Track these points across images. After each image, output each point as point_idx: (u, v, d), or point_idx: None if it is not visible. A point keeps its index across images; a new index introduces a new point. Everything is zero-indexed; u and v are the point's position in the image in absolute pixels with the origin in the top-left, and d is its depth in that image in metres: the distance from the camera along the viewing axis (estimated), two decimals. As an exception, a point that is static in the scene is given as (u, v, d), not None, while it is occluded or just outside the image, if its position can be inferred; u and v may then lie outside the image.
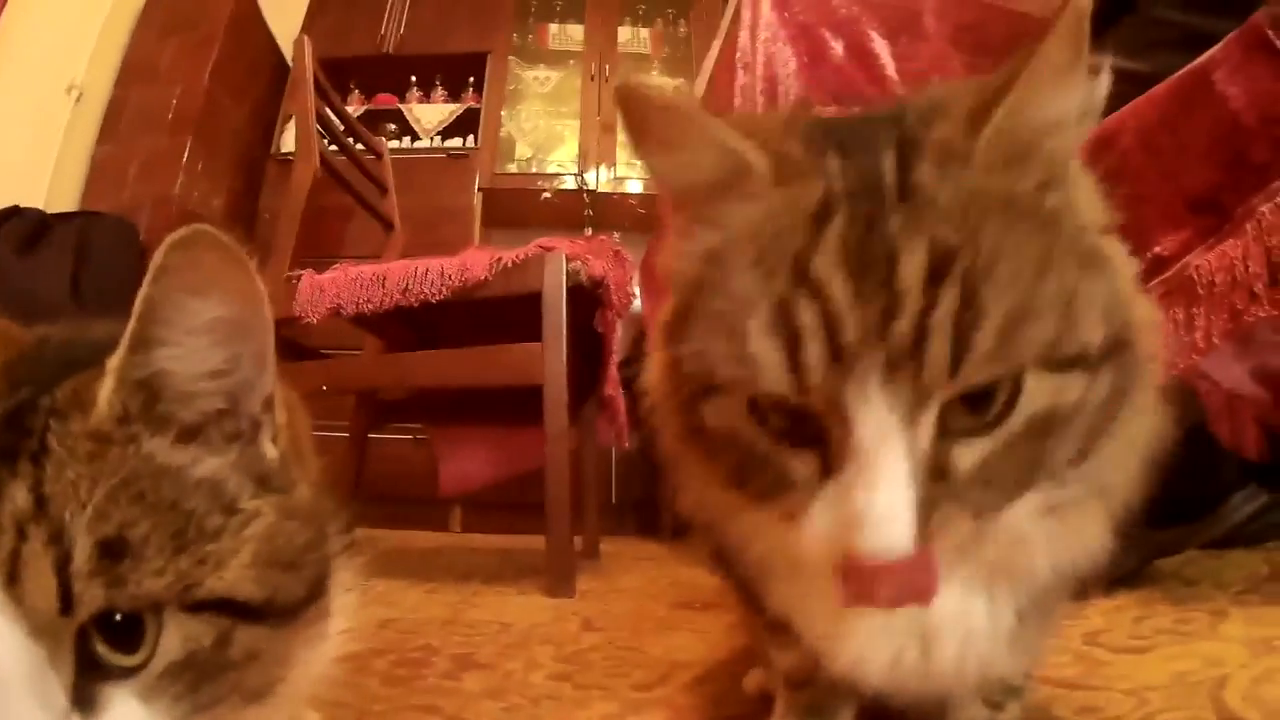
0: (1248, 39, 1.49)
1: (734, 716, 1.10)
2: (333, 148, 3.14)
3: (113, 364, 0.56)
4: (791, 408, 0.52)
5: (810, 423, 0.52)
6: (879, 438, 0.49)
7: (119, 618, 0.52)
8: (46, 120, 4.95)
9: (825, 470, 0.52)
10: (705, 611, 1.83)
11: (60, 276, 3.79)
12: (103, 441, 0.55)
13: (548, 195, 5.85)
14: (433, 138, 5.97)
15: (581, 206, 5.72)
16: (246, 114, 5.80)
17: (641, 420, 0.72)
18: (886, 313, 0.48)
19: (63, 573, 0.50)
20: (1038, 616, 0.60)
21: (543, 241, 2.41)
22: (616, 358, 2.92)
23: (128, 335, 0.56)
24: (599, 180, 5.86)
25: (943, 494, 0.50)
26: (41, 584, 0.50)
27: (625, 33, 6.28)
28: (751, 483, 0.57)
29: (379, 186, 3.58)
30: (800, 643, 0.69)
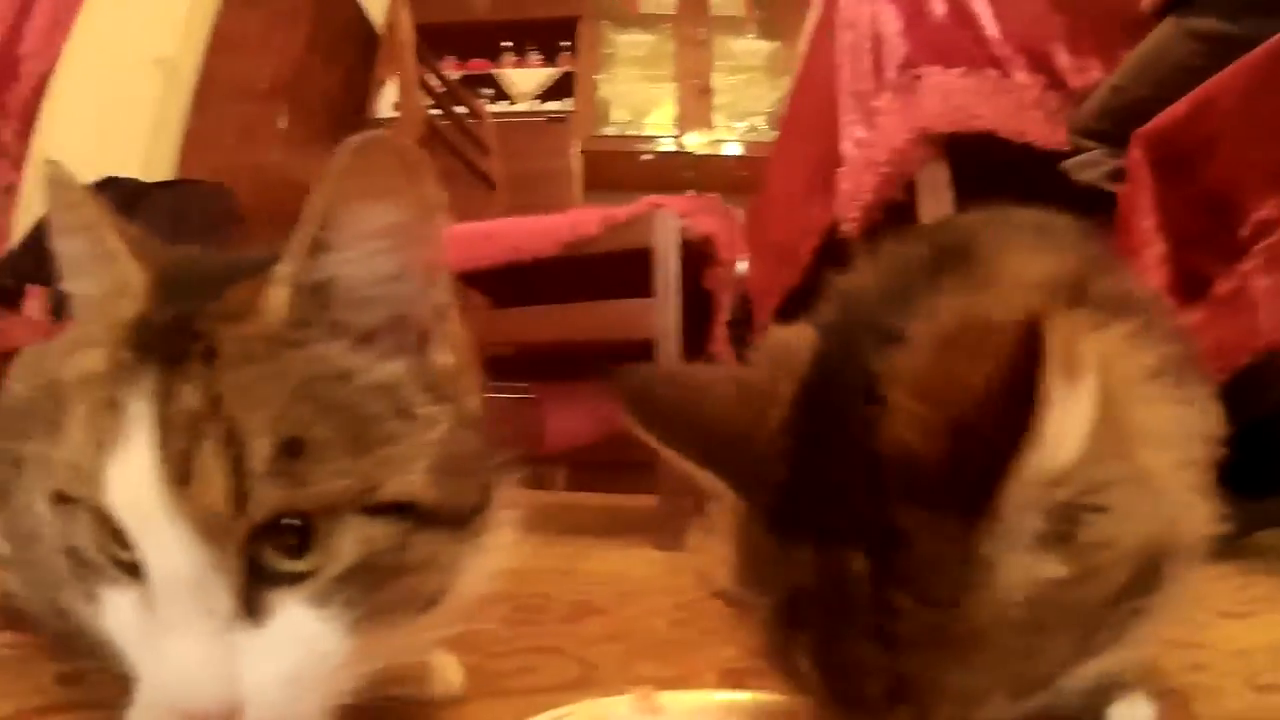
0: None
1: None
2: (433, 111, 3.16)
3: (283, 270, 0.57)
4: None
5: None
6: None
7: (290, 522, 0.53)
8: (137, 93, 5.03)
9: None
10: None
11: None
12: (277, 344, 0.56)
13: (648, 157, 5.85)
14: (529, 101, 6.01)
15: (680, 168, 5.71)
16: (339, 81, 5.86)
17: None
18: (853, 708, 0.50)
19: (237, 473, 0.51)
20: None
21: (652, 198, 2.41)
22: (724, 316, 2.92)
23: (299, 240, 0.57)
24: (697, 143, 5.84)
25: None
26: (214, 484, 0.50)
27: (717, -5, 6.19)
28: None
29: (480, 147, 3.61)
30: None
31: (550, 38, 6.08)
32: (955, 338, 0.51)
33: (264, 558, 0.53)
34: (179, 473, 0.50)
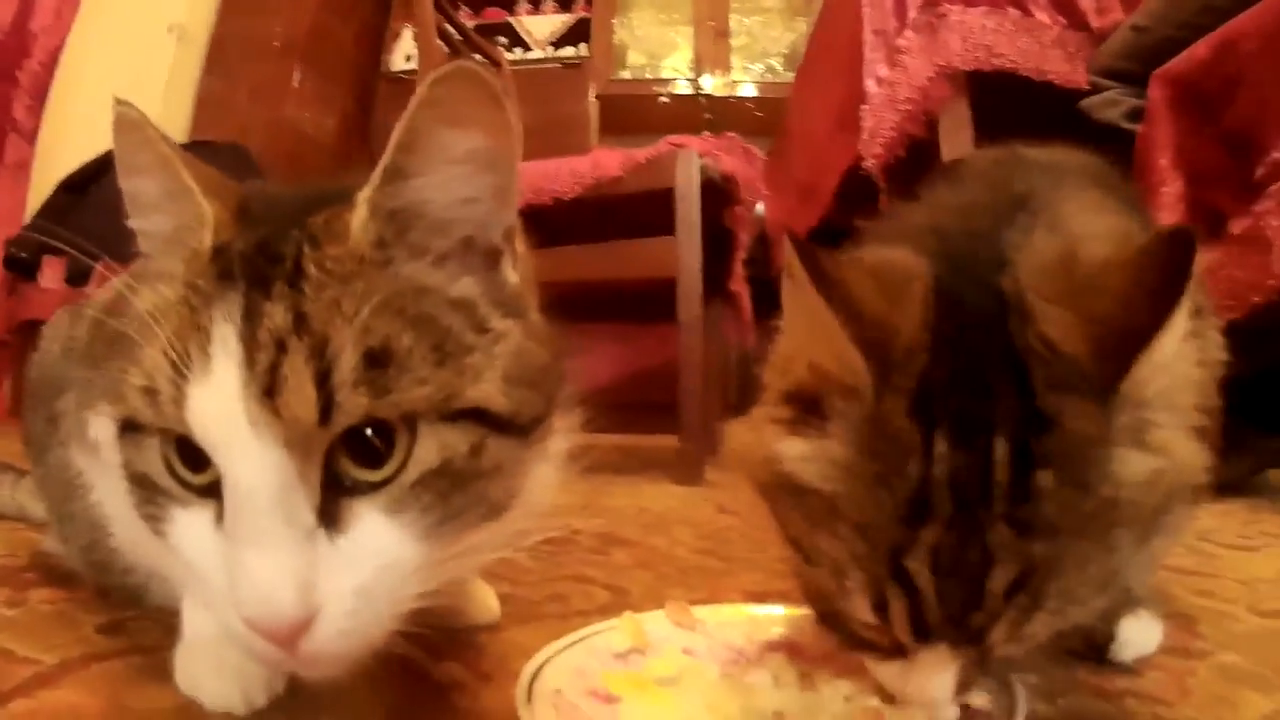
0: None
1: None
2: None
3: (366, 194, 0.60)
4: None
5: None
6: (938, 666, 0.56)
7: (368, 433, 0.55)
8: (150, 60, 5.03)
9: (896, 651, 0.58)
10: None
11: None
12: (360, 264, 0.58)
13: (665, 100, 5.83)
14: (545, 48, 5.98)
15: (697, 111, 5.69)
16: (353, 35, 5.84)
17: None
18: (967, 606, 0.52)
19: (324, 384, 0.53)
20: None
21: (673, 139, 2.42)
22: (743, 254, 2.93)
23: (383, 166, 0.59)
24: (714, 85, 5.82)
25: (976, 673, 0.57)
26: (302, 395, 0.53)
27: (734, -66, 6.13)
28: (833, 627, 0.62)
29: (501, 96, 3.60)
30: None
31: (567, -18, 6.05)
32: (1074, 258, 0.56)
33: (342, 469, 0.55)
34: (267, 386, 0.53)
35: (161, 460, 0.58)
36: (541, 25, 6.05)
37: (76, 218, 4.07)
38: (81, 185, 4.18)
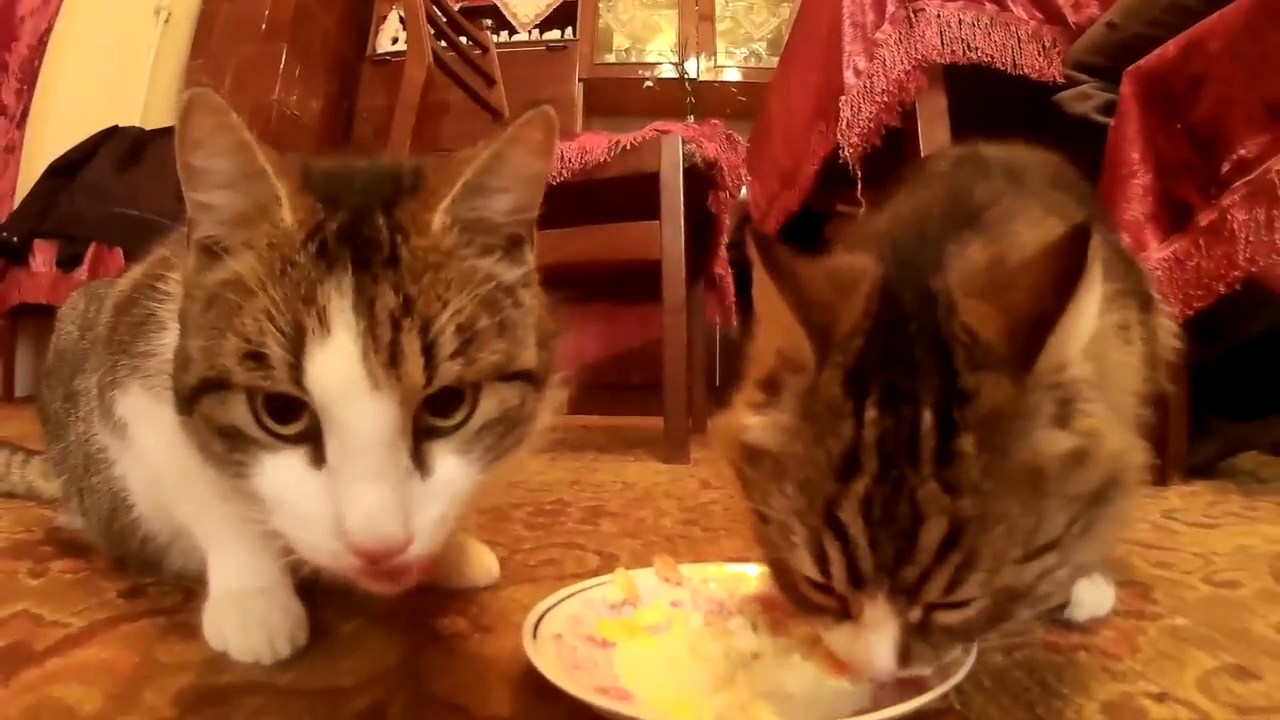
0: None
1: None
2: (440, 44, 3.19)
3: (445, 204, 0.69)
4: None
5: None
6: (878, 624, 0.61)
7: (447, 390, 0.66)
8: (136, 43, 5.06)
9: (843, 613, 0.64)
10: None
11: (162, 189, 3.91)
12: (445, 256, 0.68)
13: (650, 84, 5.85)
14: (530, 31, 5.99)
15: (681, 95, 5.72)
16: (336, 19, 5.85)
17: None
18: (900, 559, 0.58)
19: (429, 354, 0.64)
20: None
21: (658, 125, 2.48)
22: (726, 238, 2.98)
23: (464, 180, 0.70)
24: (698, 69, 5.84)
25: (921, 641, 0.62)
26: (415, 363, 0.63)
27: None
28: (789, 594, 0.69)
29: (486, 79, 3.63)
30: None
31: (551, -34, 6.05)
32: (998, 261, 0.63)
33: (424, 419, 0.66)
34: (389, 356, 0.63)
35: (250, 414, 0.65)
36: (527, 8, 6.04)
37: (66, 201, 4.08)
38: (70, 169, 4.19)
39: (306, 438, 0.65)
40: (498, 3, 6.08)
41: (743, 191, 2.93)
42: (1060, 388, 0.60)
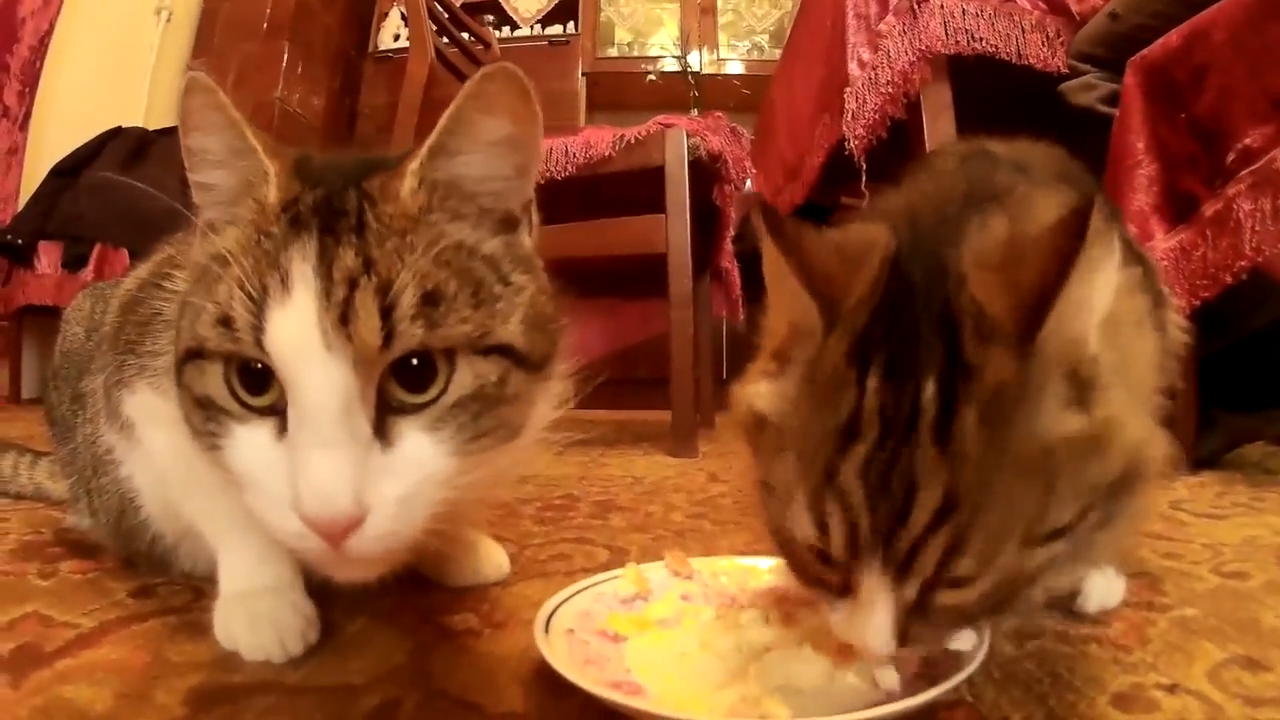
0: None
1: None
2: (442, 40, 3.19)
3: (414, 166, 0.70)
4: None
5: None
6: (875, 595, 0.61)
7: (414, 363, 0.65)
8: (138, 43, 5.08)
9: (843, 588, 0.64)
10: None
11: (166, 188, 3.91)
12: (411, 222, 0.68)
13: (653, 78, 5.86)
14: (532, 26, 5.99)
15: (684, 88, 5.72)
16: (338, 16, 5.87)
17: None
18: (894, 527, 0.58)
19: (387, 315, 0.62)
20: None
21: (662, 118, 2.48)
22: (731, 231, 2.98)
23: (430, 144, 0.70)
24: (701, 62, 5.84)
25: (919, 621, 0.62)
26: (369, 324, 0.62)
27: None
28: (794, 566, 0.69)
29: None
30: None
31: (552, -41, 6.06)
32: (1015, 236, 0.63)
33: (391, 392, 0.65)
34: (341, 315, 0.62)
35: (224, 383, 0.66)
36: (528, 3, 6.05)
37: (70, 202, 4.09)
38: (74, 170, 4.19)
39: (276, 410, 0.65)
40: (498, -2, 6.09)
41: (748, 184, 2.92)
42: (1073, 368, 0.59)
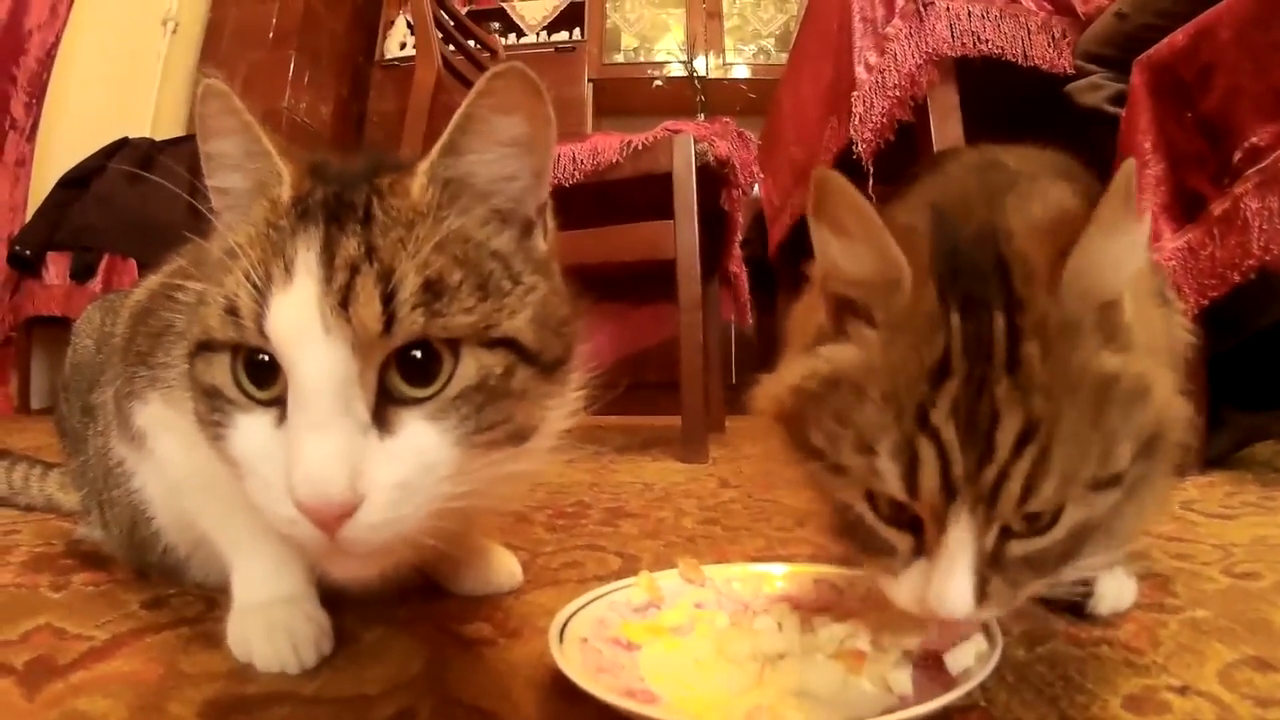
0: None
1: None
2: (448, 48, 3.19)
3: (425, 165, 0.70)
4: (900, 504, 0.64)
5: (910, 515, 0.65)
6: (960, 544, 0.62)
7: (418, 355, 0.65)
8: (144, 53, 5.09)
9: (918, 550, 0.65)
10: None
11: (174, 199, 3.92)
12: (419, 215, 0.68)
13: (659, 83, 5.86)
14: (538, 33, 6.00)
15: (691, 93, 5.72)
16: (345, 24, 5.89)
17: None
18: (982, 460, 0.60)
19: (389, 303, 0.63)
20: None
21: (669, 124, 2.47)
22: (739, 236, 2.98)
23: (442, 142, 0.70)
24: (707, 67, 5.85)
25: (996, 574, 0.63)
26: (370, 308, 0.62)
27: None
28: (857, 538, 0.69)
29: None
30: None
31: (557, -33, 6.07)
32: (1052, 210, 0.67)
33: (394, 383, 0.65)
34: (341, 299, 0.62)
35: (230, 374, 0.67)
36: (534, 10, 6.06)
37: (78, 213, 4.10)
38: (81, 181, 4.20)
39: (280, 402, 0.65)
40: (505, 6, 6.10)
41: (755, 189, 2.92)
42: (1108, 319, 0.63)
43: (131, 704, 0.67)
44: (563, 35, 5.98)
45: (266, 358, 0.65)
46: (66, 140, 4.50)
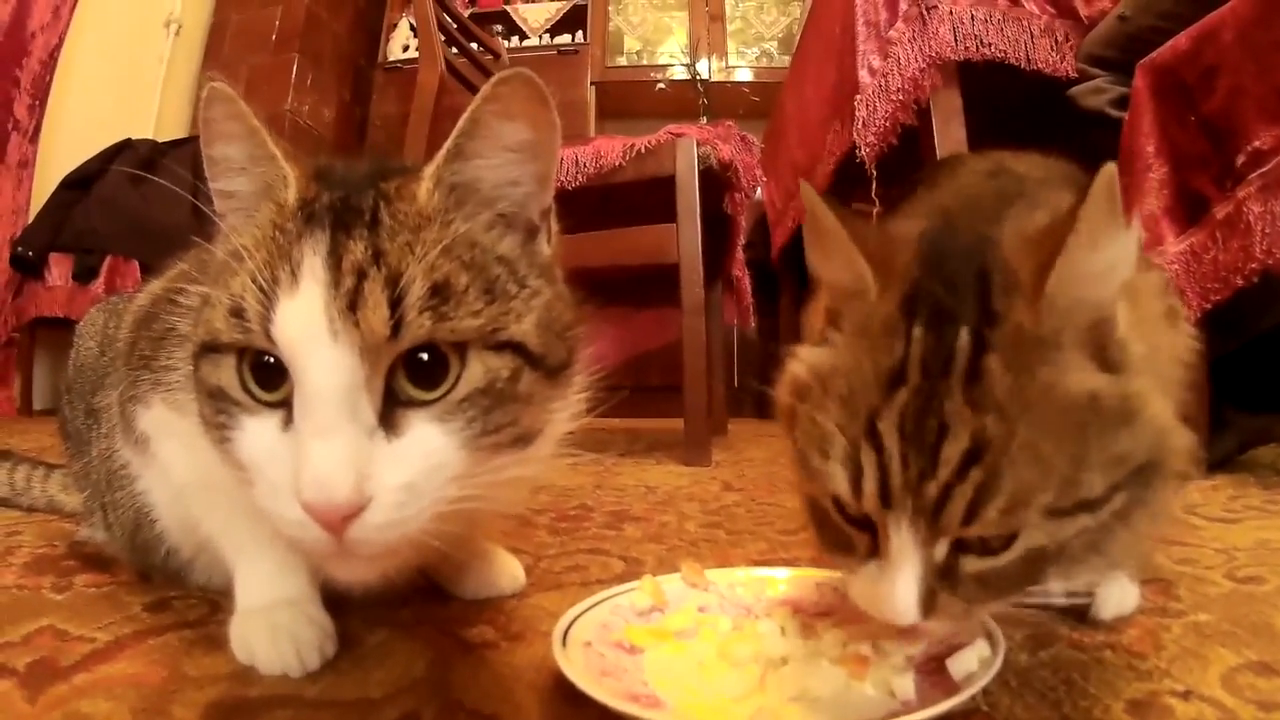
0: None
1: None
2: (451, 50, 3.20)
3: (431, 169, 0.71)
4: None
5: (865, 515, 0.65)
6: (902, 554, 0.62)
7: (425, 358, 0.65)
8: (147, 55, 5.11)
9: (873, 551, 0.66)
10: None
11: (177, 200, 3.92)
12: (425, 219, 0.69)
13: (662, 86, 5.87)
14: (541, 36, 6.01)
15: (694, 96, 5.73)
16: (347, 27, 5.90)
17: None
18: (924, 474, 0.60)
19: (396, 306, 0.63)
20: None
21: (673, 128, 2.47)
22: (742, 239, 2.98)
23: (448, 147, 0.71)
24: (710, 70, 5.85)
25: (947, 588, 0.63)
26: (378, 313, 0.63)
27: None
28: (824, 533, 0.71)
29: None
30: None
31: (560, -30, 6.08)
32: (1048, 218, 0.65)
33: (401, 386, 0.65)
34: (349, 302, 0.63)
35: (236, 376, 0.67)
36: (537, 13, 6.08)
37: (81, 215, 4.10)
38: (84, 182, 4.21)
39: (286, 404, 0.65)
40: (508, 9, 6.11)
41: (758, 192, 2.93)
42: (1097, 336, 0.62)
43: (134, 706, 0.67)
44: (565, 38, 5.99)
45: (273, 360, 0.65)
46: (69, 142, 4.52)
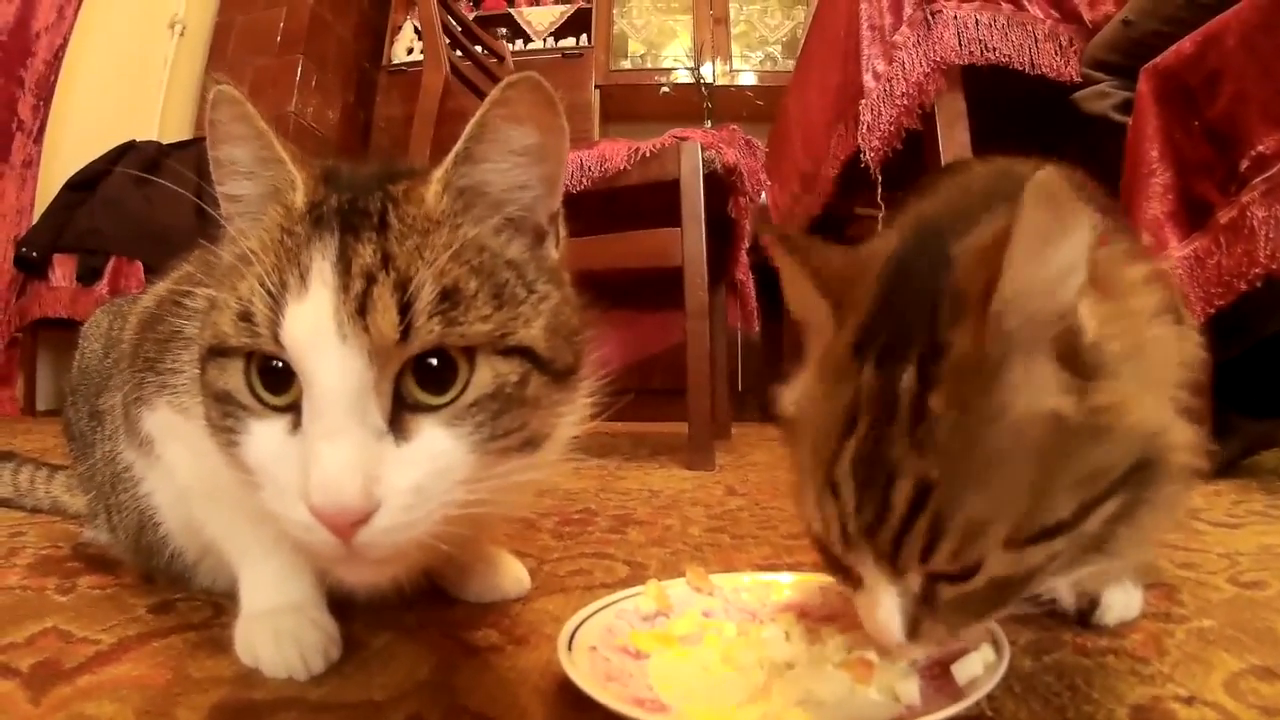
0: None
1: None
2: (456, 53, 3.20)
3: (439, 173, 0.71)
4: None
5: None
6: (876, 588, 0.64)
7: (434, 363, 0.65)
8: (152, 56, 5.13)
9: (859, 579, 0.66)
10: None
11: (181, 201, 3.94)
12: (433, 223, 0.69)
13: (666, 89, 5.88)
14: (545, 39, 6.02)
15: (698, 99, 5.73)
16: (351, 29, 5.92)
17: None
18: (878, 518, 0.60)
19: (406, 311, 0.63)
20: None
21: (677, 131, 2.48)
22: (746, 243, 2.98)
23: (456, 151, 0.71)
24: (714, 73, 5.86)
25: (928, 614, 0.63)
26: (387, 316, 0.63)
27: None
28: (823, 558, 0.71)
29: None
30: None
31: (565, -27, 6.09)
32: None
33: (410, 391, 0.65)
34: (358, 307, 0.63)
35: (244, 380, 0.67)
36: (541, 16, 6.08)
37: (85, 215, 4.11)
38: (88, 183, 4.21)
39: (294, 408, 0.65)
40: (512, 12, 6.12)
41: (762, 196, 2.93)
42: (1059, 346, 0.60)
43: (138, 708, 0.67)
44: (570, 41, 6.00)
45: (280, 364, 0.65)
46: (73, 142, 4.53)
